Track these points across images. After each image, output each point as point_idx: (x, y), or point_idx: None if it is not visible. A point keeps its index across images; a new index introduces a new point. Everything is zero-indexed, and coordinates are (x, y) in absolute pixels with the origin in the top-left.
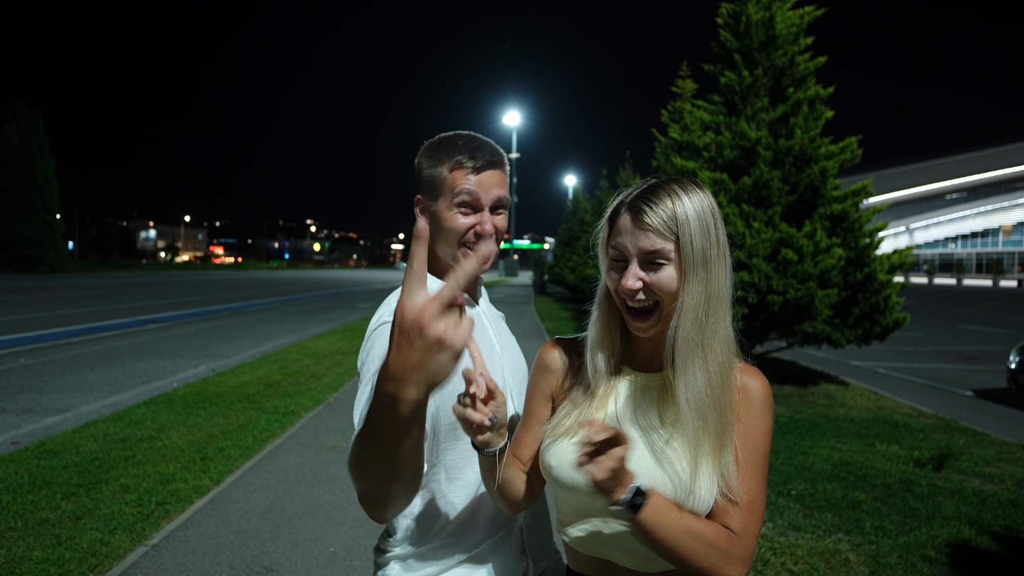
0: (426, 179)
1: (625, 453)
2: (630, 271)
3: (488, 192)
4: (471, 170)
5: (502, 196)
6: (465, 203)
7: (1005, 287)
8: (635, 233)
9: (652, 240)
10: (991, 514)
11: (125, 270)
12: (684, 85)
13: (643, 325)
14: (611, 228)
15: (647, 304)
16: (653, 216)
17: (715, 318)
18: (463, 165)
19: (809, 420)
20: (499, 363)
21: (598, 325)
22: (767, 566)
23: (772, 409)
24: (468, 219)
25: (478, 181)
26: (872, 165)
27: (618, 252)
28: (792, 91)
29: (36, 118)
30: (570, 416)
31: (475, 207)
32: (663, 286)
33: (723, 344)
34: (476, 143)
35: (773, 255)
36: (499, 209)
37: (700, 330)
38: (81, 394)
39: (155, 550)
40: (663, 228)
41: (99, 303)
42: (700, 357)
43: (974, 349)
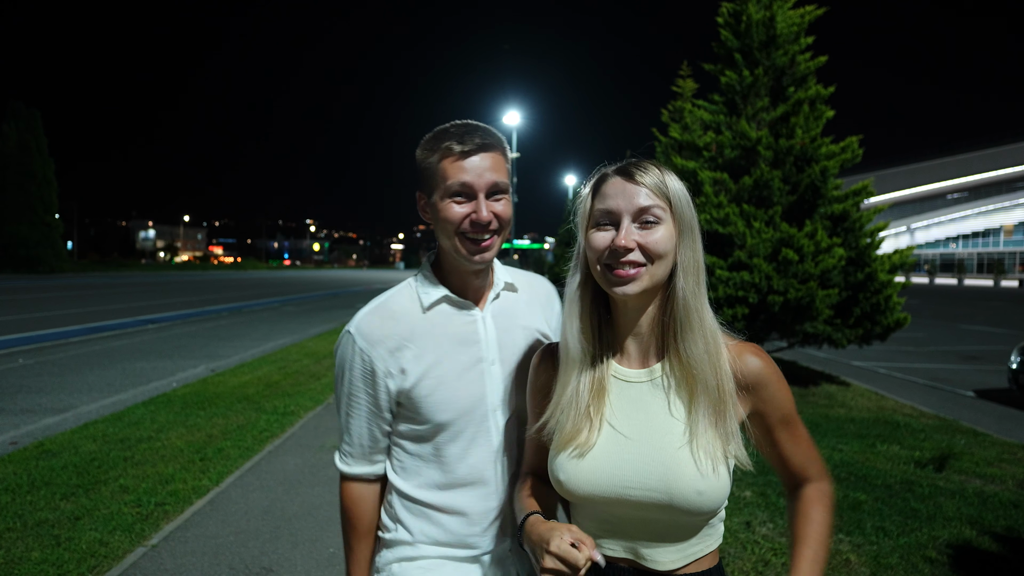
0: (422, 172)
1: None
2: (624, 228)
3: (481, 177)
4: (459, 155)
5: (498, 181)
6: (457, 191)
7: (1006, 287)
8: (627, 191)
9: (646, 197)
10: (992, 515)
11: (124, 270)
12: (685, 85)
13: (630, 285)
14: (595, 196)
15: (637, 264)
16: (645, 176)
17: (703, 288)
18: (452, 151)
19: (810, 420)
20: (480, 378)
21: (571, 312)
22: (767, 566)
23: (782, 375)
24: (462, 208)
25: (469, 166)
26: (873, 165)
27: (606, 215)
28: (793, 91)
29: (35, 118)
30: (555, 416)
31: (468, 194)
32: (657, 246)
33: (710, 311)
34: (467, 128)
35: (774, 255)
36: (497, 195)
37: (696, 295)
38: (80, 394)
39: (154, 551)
40: (655, 188)
41: (98, 303)
42: (698, 322)
43: (975, 349)
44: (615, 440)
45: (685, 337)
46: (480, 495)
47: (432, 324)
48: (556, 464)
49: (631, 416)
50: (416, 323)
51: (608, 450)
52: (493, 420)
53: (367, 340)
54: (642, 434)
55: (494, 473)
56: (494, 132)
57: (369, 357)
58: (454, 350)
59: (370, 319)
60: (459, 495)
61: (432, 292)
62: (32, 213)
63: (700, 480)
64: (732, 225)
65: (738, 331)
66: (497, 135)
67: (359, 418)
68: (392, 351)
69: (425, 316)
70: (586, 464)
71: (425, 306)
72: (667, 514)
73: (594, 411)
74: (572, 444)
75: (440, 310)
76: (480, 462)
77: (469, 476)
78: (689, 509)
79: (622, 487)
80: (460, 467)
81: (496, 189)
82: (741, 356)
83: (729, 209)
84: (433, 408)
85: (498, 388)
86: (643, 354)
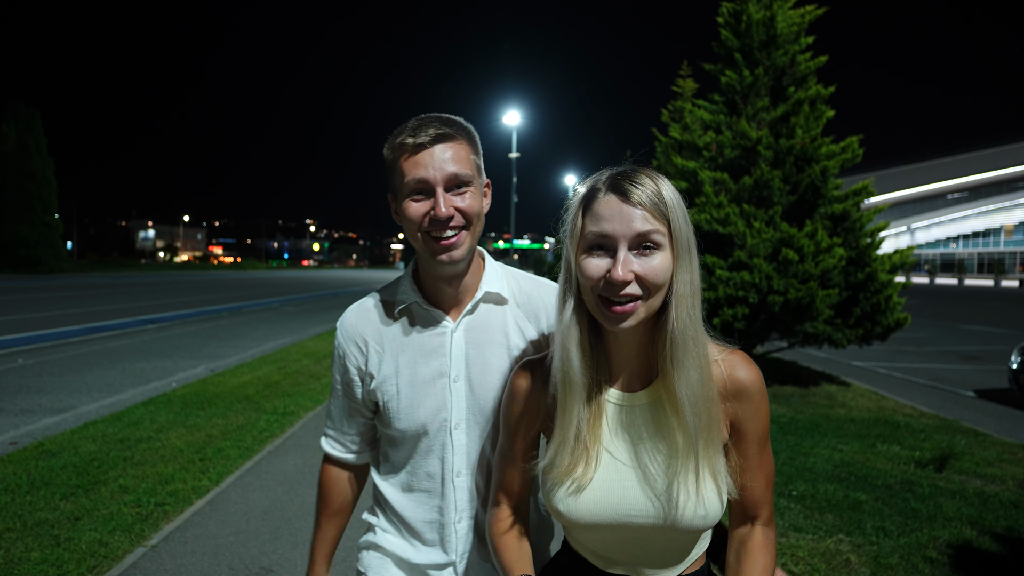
0: (387, 172)
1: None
2: (621, 259)
3: (438, 170)
4: (413, 149)
5: (458, 172)
6: (414, 188)
7: (1006, 287)
8: (623, 214)
9: (643, 221)
10: (993, 515)
11: (124, 270)
12: (685, 84)
13: (626, 319)
14: (585, 214)
15: (634, 297)
16: (643, 194)
17: (698, 310)
18: (406, 147)
19: (810, 420)
20: (440, 394)
21: (566, 341)
22: None
23: (767, 396)
24: (421, 205)
25: (424, 160)
26: (873, 165)
27: (600, 239)
28: (793, 90)
29: (34, 117)
30: (560, 453)
31: (426, 191)
32: (656, 277)
33: (703, 336)
34: (423, 120)
35: (774, 255)
36: (460, 187)
37: (690, 323)
38: (80, 394)
39: (154, 551)
40: (654, 208)
41: (98, 303)
42: (693, 351)
43: (975, 349)
44: (614, 468)
45: (677, 364)
46: (429, 509)
47: (400, 330)
48: (555, 498)
49: (627, 442)
50: (385, 327)
51: (607, 478)
52: (452, 440)
53: (344, 335)
54: (639, 460)
55: (450, 492)
56: (456, 121)
57: (344, 352)
58: (416, 361)
59: (350, 315)
60: (413, 502)
61: (404, 297)
62: (32, 213)
63: (701, 501)
64: (732, 225)
65: (737, 332)
66: (460, 123)
67: (336, 403)
68: (362, 350)
69: (395, 321)
70: (586, 496)
71: (396, 311)
72: (669, 534)
73: (591, 441)
74: (570, 478)
75: (409, 318)
76: (433, 480)
77: (422, 487)
78: (691, 529)
79: (625, 515)
80: (414, 478)
81: (457, 181)
82: (731, 365)
83: (729, 209)
84: (391, 415)
85: (461, 407)
86: (635, 377)
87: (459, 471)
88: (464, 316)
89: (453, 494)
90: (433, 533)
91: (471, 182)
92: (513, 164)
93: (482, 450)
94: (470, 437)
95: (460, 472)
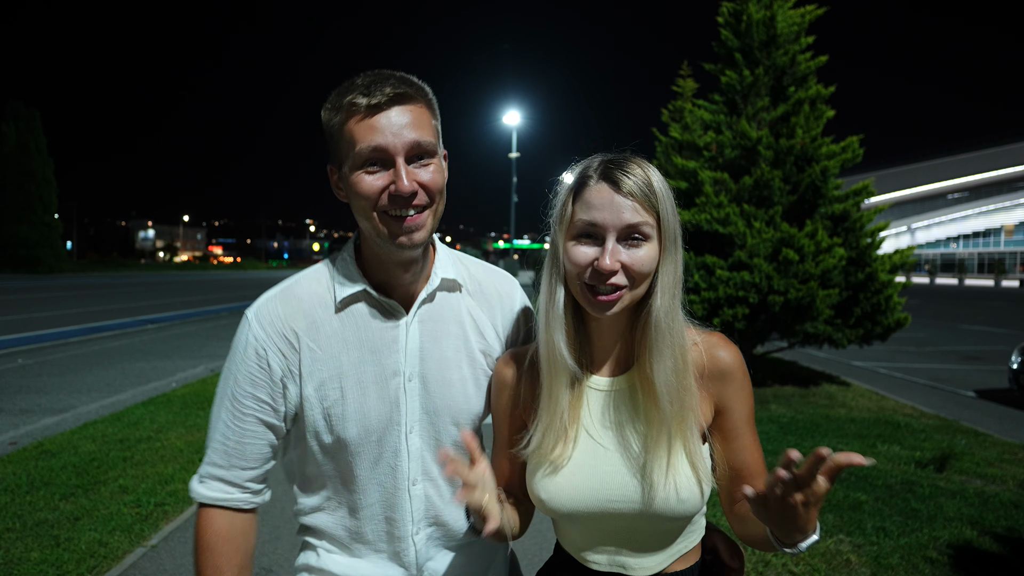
0: (328, 137)
1: None
2: (609, 249)
3: (398, 136)
4: (367, 111)
5: (420, 140)
6: (368, 158)
7: (1007, 287)
8: (614, 204)
9: (634, 212)
10: (993, 515)
11: (123, 270)
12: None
13: (610, 307)
14: (576, 201)
15: (619, 286)
16: (634, 185)
17: (679, 300)
18: (357, 108)
19: (810, 421)
20: (394, 395)
21: (551, 325)
22: (768, 567)
23: (748, 374)
24: (377, 179)
25: (381, 124)
26: (873, 165)
27: (589, 227)
28: (793, 90)
29: (34, 117)
30: (546, 436)
31: (384, 160)
32: (642, 268)
33: (681, 325)
34: (376, 77)
35: (774, 255)
36: (423, 158)
37: (670, 313)
38: (79, 395)
39: (154, 551)
40: (644, 200)
41: (97, 303)
42: (670, 340)
43: (976, 349)
44: (592, 452)
45: (655, 351)
46: (378, 524)
47: (343, 324)
48: (535, 482)
49: (606, 426)
50: (324, 320)
51: (586, 463)
52: (407, 445)
53: (265, 330)
54: (616, 444)
55: (404, 503)
56: (413, 80)
57: (266, 352)
58: (364, 359)
59: (271, 305)
60: (358, 520)
61: (348, 285)
62: (31, 213)
63: (675, 485)
64: (732, 225)
65: (738, 332)
66: (418, 84)
67: (232, 427)
68: (294, 347)
69: (336, 314)
70: (565, 480)
71: (337, 301)
72: (650, 522)
73: (570, 423)
74: (548, 460)
75: (355, 309)
76: (383, 492)
77: (369, 502)
78: (672, 516)
79: (605, 500)
80: (358, 494)
81: (420, 151)
82: (711, 347)
83: (729, 209)
84: (333, 423)
85: (415, 407)
86: (614, 363)
87: (415, 479)
88: (419, 306)
89: (409, 504)
90: (385, 549)
91: (434, 152)
92: (513, 164)
93: (437, 460)
94: (425, 441)
95: (416, 480)
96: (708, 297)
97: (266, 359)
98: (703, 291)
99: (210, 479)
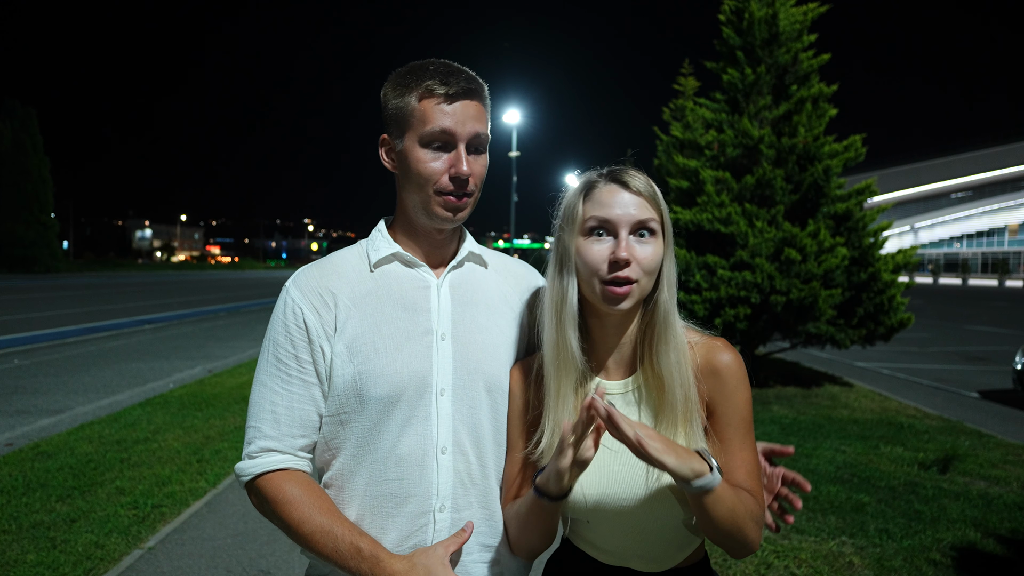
0: (391, 112)
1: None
2: (623, 242)
3: (464, 125)
4: (443, 98)
5: (480, 132)
6: (435, 138)
7: (1011, 287)
8: (624, 201)
9: (643, 208)
10: (997, 517)
11: (120, 270)
12: (686, 83)
13: (623, 300)
14: (586, 201)
15: (631, 280)
16: (640, 185)
17: (675, 297)
18: (434, 92)
19: (813, 422)
20: (426, 352)
21: (563, 322)
22: (770, 569)
23: (747, 379)
24: (438, 159)
25: (452, 111)
26: (876, 164)
27: (602, 223)
28: (795, 89)
29: (30, 116)
30: (555, 434)
31: (448, 143)
32: (651, 262)
33: (679, 322)
34: (450, 69)
35: (776, 255)
36: (478, 150)
37: (671, 306)
38: (76, 395)
39: (151, 553)
40: (650, 198)
41: (94, 303)
42: (672, 333)
43: (980, 350)
44: (602, 453)
45: (659, 348)
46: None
47: (376, 284)
48: None
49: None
50: (359, 281)
51: (595, 463)
52: (436, 408)
53: (302, 291)
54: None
55: (431, 473)
56: (479, 79)
57: (301, 311)
58: (397, 315)
59: (308, 271)
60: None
61: (381, 249)
62: (27, 212)
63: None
64: (734, 224)
65: (739, 332)
66: (482, 83)
67: (282, 394)
68: (329, 306)
69: (371, 275)
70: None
71: (372, 263)
72: (658, 518)
73: None
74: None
75: (388, 270)
76: (409, 460)
77: (391, 473)
78: (679, 511)
79: (614, 498)
80: (382, 462)
81: (478, 142)
82: (711, 349)
83: (731, 208)
84: (365, 379)
85: (447, 368)
86: (619, 365)
87: (444, 446)
88: (449, 272)
89: (436, 475)
90: (405, 526)
91: (486, 145)
92: (513, 163)
93: (472, 423)
94: (457, 406)
95: (445, 448)
96: (710, 297)
97: (302, 317)
98: (705, 291)
99: (262, 453)
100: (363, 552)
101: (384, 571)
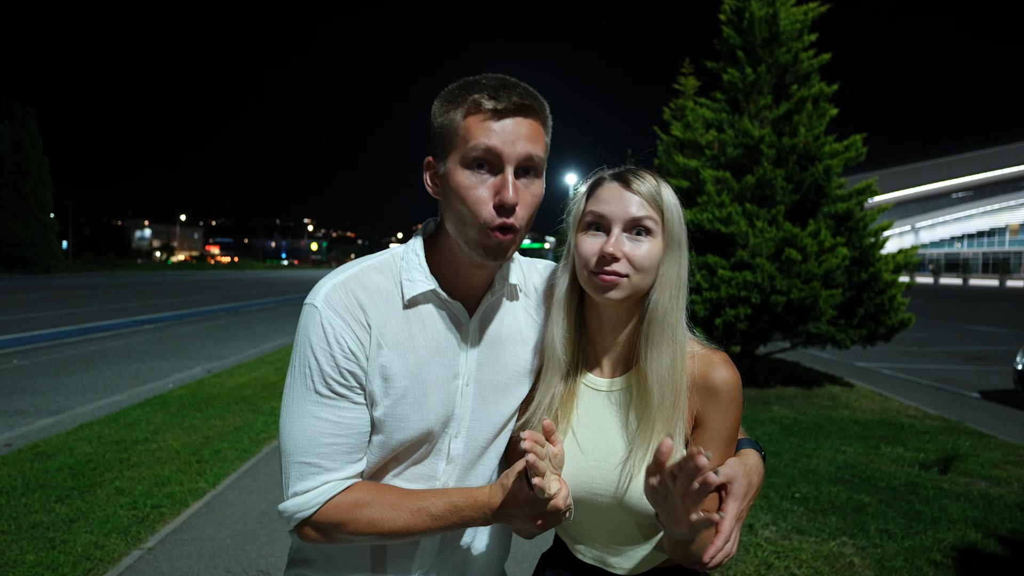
0: (437, 131)
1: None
2: (614, 236)
3: (512, 145)
4: (492, 114)
5: (533, 154)
6: (479, 157)
7: (1012, 287)
8: (622, 199)
9: (639, 207)
10: (998, 517)
11: (120, 270)
12: (686, 82)
13: (613, 291)
14: (589, 198)
15: (621, 274)
16: (641, 185)
17: (681, 303)
18: (481, 108)
19: (813, 422)
20: (450, 399)
21: (558, 314)
22: (771, 570)
23: (741, 397)
24: (482, 182)
25: (501, 129)
26: (877, 164)
27: (598, 219)
28: (796, 88)
29: (29, 116)
30: (535, 413)
31: (493, 164)
32: (643, 260)
33: (684, 331)
34: (503, 82)
35: (776, 255)
36: (529, 174)
37: (672, 311)
38: (75, 395)
39: (150, 554)
40: (650, 199)
41: (94, 303)
42: (670, 336)
43: (980, 350)
44: (578, 446)
45: (653, 350)
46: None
47: (408, 322)
48: None
49: (594, 423)
50: (391, 314)
51: (572, 454)
52: (448, 450)
53: (341, 316)
54: (602, 443)
55: None
56: (537, 95)
57: (344, 337)
58: (429, 359)
59: (341, 292)
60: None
61: (418, 283)
62: (27, 212)
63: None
64: (734, 224)
65: (740, 332)
66: (540, 99)
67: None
68: (367, 332)
69: (403, 311)
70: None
71: (406, 299)
72: (630, 516)
73: (561, 416)
74: None
75: (422, 309)
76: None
77: None
78: (649, 511)
79: (591, 493)
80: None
81: (529, 164)
82: (710, 363)
83: (731, 208)
84: (390, 424)
85: (466, 413)
86: (613, 363)
87: (446, 483)
88: (481, 310)
89: None
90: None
91: (542, 170)
92: None
93: (478, 461)
94: (468, 447)
95: (447, 484)
96: (710, 297)
97: (346, 343)
98: (705, 291)
99: (322, 486)
100: (459, 505)
101: (482, 503)
